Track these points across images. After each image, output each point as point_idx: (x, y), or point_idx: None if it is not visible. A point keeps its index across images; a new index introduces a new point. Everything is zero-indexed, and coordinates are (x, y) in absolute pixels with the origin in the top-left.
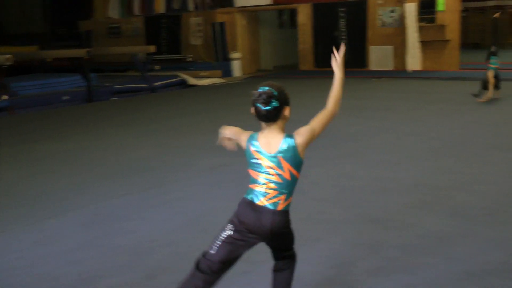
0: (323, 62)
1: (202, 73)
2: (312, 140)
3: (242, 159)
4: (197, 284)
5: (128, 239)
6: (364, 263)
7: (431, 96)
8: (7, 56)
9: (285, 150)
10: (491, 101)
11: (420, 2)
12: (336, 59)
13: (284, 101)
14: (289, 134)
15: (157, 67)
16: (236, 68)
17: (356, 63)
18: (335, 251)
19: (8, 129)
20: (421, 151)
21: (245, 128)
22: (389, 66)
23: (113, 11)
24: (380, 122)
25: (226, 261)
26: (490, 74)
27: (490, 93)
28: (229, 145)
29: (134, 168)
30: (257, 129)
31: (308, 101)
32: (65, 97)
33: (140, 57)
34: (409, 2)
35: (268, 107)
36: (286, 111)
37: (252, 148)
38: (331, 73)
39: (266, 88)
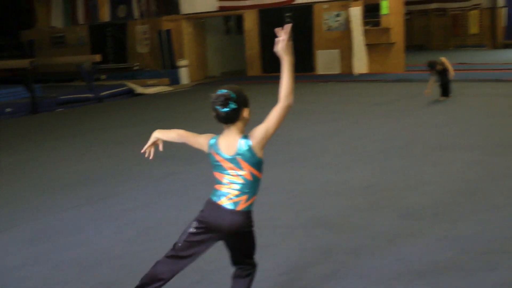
0: (271, 67)
1: (149, 82)
2: (268, 139)
3: (191, 167)
4: (164, 270)
5: (77, 252)
6: (316, 268)
7: (378, 98)
8: None
9: (243, 151)
10: (436, 102)
11: (365, 6)
12: (279, 42)
13: (242, 103)
14: (245, 135)
15: (103, 77)
16: (184, 76)
17: (303, 67)
18: (286, 257)
19: None
20: (369, 153)
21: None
22: (336, 69)
23: (57, 20)
24: (329, 126)
25: (189, 256)
26: (443, 59)
27: (452, 71)
28: (151, 151)
29: (81, 180)
30: (211, 132)
31: (257, 106)
32: (8, 109)
33: (85, 66)
34: (353, 6)
35: (226, 109)
36: (245, 113)
37: (214, 151)
38: (279, 78)
39: (224, 90)
